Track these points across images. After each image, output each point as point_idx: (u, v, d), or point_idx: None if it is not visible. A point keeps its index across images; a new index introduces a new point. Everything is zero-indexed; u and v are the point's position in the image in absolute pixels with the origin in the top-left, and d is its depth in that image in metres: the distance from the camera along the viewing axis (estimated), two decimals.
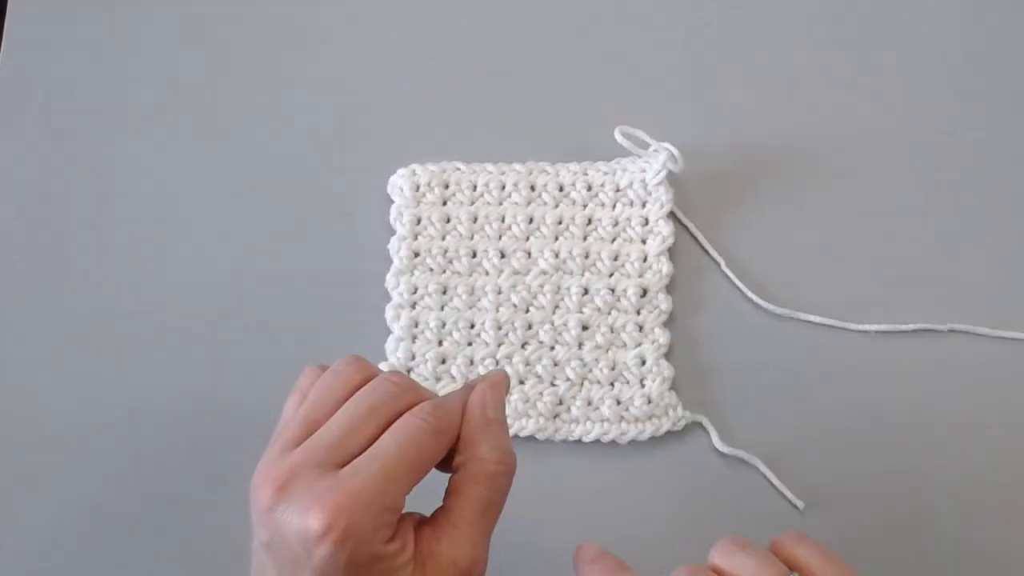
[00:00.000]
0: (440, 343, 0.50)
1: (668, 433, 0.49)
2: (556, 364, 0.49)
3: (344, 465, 0.33)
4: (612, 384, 0.49)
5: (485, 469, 0.36)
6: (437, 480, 0.36)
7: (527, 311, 0.50)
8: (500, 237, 0.51)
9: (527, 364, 0.49)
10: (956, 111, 0.54)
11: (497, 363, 0.49)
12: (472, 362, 0.49)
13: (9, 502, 0.49)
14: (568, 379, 0.49)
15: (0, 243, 0.53)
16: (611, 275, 0.50)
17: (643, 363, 0.49)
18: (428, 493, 0.36)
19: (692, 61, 0.55)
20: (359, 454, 0.34)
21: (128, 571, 0.48)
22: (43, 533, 0.48)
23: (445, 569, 0.35)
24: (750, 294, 0.50)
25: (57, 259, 0.52)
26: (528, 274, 0.50)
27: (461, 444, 0.37)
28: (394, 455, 0.34)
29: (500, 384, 0.38)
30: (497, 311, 0.50)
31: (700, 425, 0.49)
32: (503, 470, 0.37)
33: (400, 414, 0.35)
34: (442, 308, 0.50)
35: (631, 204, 0.51)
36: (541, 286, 0.50)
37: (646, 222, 0.51)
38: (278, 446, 0.35)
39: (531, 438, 0.49)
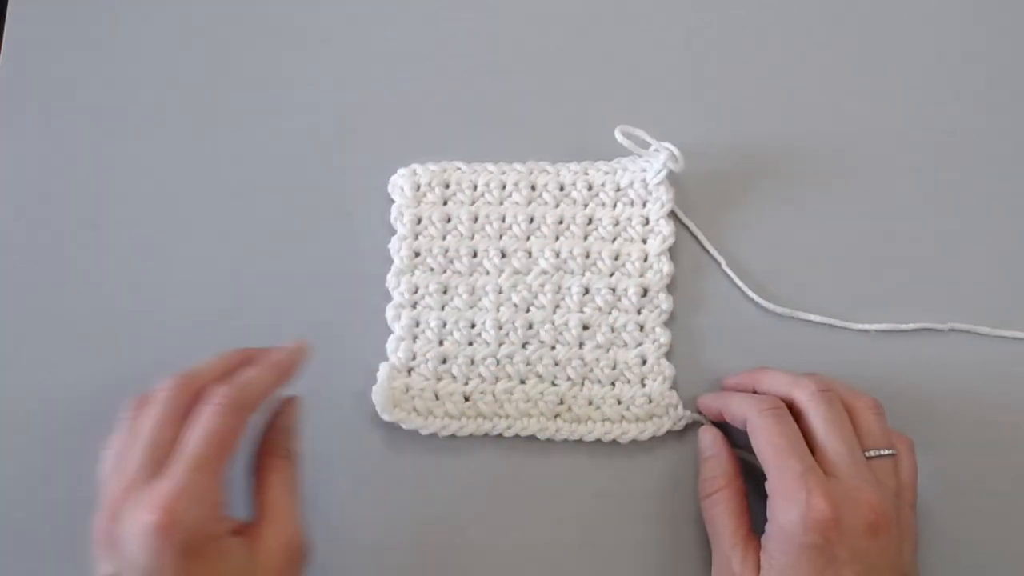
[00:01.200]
0: (441, 343, 0.49)
1: (669, 433, 0.49)
2: (557, 364, 0.49)
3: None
4: (613, 384, 0.49)
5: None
6: None
7: (528, 311, 0.50)
8: (501, 237, 0.51)
9: (528, 364, 0.49)
10: (956, 111, 0.54)
11: (498, 363, 0.49)
12: (473, 361, 0.49)
13: (9, 502, 0.49)
14: (569, 379, 0.49)
15: (0, 243, 0.53)
16: (612, 275, 0.50)
17: (644, 362, 0.49)
18: None
19: (692, 61, 0.55)
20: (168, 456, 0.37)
21: None
22: (43, 533, 0.48)
23: (271, 547, 0.39)
24: (751, 293, 0.50)
25: (57, 259, 0.52)
26: (529, 274, 0.50)
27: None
28: (199, 445, 0.37)
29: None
30: (498, 311, 0.50)
31: (700, 425, 0.49)
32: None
33: (189, 408, 0.39)
34: (443, 308, 0.50)
35: (632, 204, 0.51)
36: (542, 286, 0.50)
37: (647, 222, 0.51)
38: (111, 486, 0.39)
39: (532, 438, 0.49)
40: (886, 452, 0.43)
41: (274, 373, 0.42)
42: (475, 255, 0.51)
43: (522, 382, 0.49)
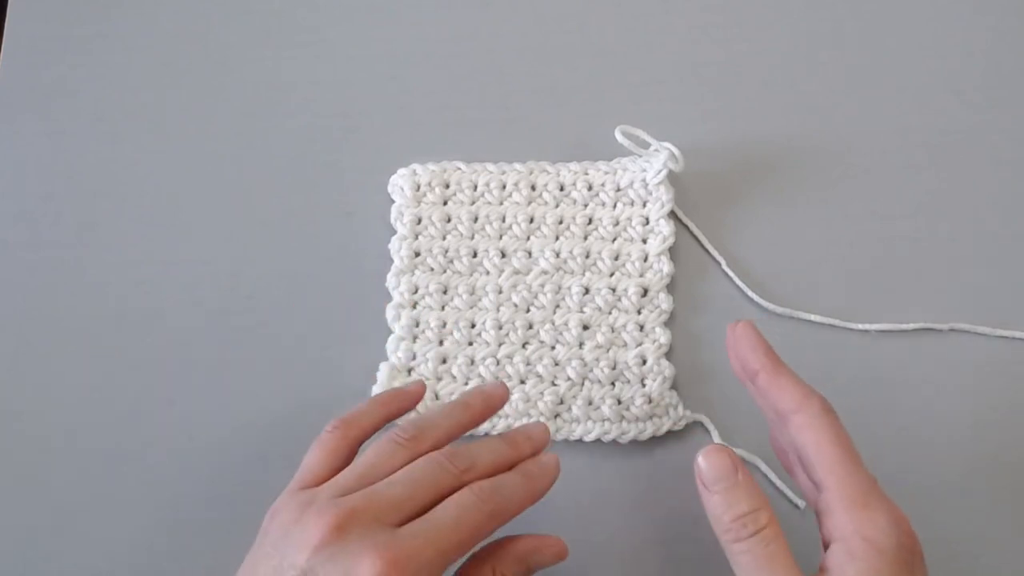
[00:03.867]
0: (441, 343, 0.49)
1: (669, 433, 0.48)
2: (557, 364, 0.49)
3: (400, 525, 0.35)
4: (613, 384, 0.49)
5: None
6: None
7: (528, 311, 0.50)
8: (501, 237, 0.51)
9: (528, 364, 0.49)
10: (956, 111, 0.54)
11: (498, 363, 0.49)
12: (473, 362, 0.49)
13: (9, 502, 0.49)
14: (569, 379, 0.49)
15: (0, 243, 0.53)
16: (612, 275, 0.50)
17: (644, 362, 0.49)
18: None
19: (692, 61, 0.55)
20: (414, 519, 0.35)
21: (129, 570, 0.47)
22: (44, 533, 0.48)
23: None
24: (751, 293, 0.50)
25: (57, 259, 0.52)
26: (529, 274, 0.50)
27: None
28: (450, 528, 0.35)
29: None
30: (498, 311, 0.50)
31: (701, 425, 0.49)
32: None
33: (457, 489, 0.37)
34: (443, 308, 0.50)
35: (632, 204, 0.51)
36: (542, 286, 0.50)
37: (647, 222, 0.51)
38: (326, 491, 0.37)
39: None
40: None
41: (533, 493, 0.39)
42: (475, 255, 0.51)
43: (522, 382, 0.49)
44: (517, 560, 0.39)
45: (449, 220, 0.51)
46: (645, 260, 0.50)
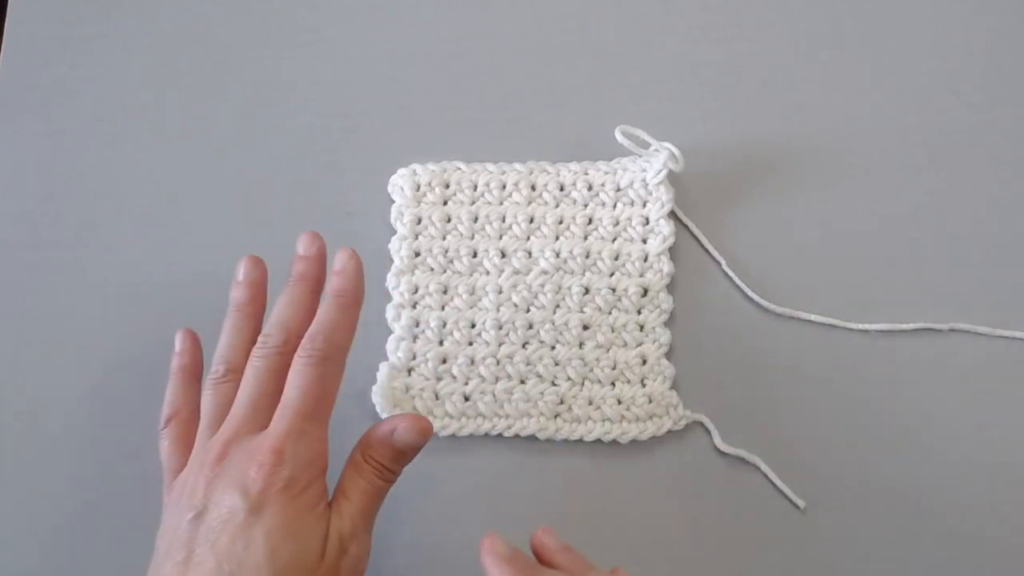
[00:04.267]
0: (441, 343, 0.49)
1: (669, 433, 0.48)
2: (557, 363, 0.49)
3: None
4: (613, 383, 0.49)
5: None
6: None
7: (528, 311, 0.50)
8: (501, 237, 0.51)
9: (528, 364, 0.49)
10: (956, 111, 0.54)
11: (498, 363, 0.49)
12: (473, 361, 0.49)
13: (8, 501, 0.49)
14: (569, 378, 0.49)
15: (0, 243, 0.53)
16: (612, 274, 0.50)
17: (644, 362, 0.49)
18: None
19: (693, 61, 0.55)
20: (273, 410, 0.39)
21: (128, 571, 0.47)
22: (43, 533, 0.48)
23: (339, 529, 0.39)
24: (751, 293, 0.50)
25: (57, 259, 0.52)
26: (529, 274, 0.50)
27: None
28: (299, 397, 0.39)
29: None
30: (498, 311, 0.50)
31: (701, 424, 0.49)
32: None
33: (286, 362, 0.40)
34: (443, 308, 0.50)
35: (632, 204, 0.51)
36: (542, 286, 0.50)
37: (647, 221, 0.51)
38: (200, 439, 0.41)
39: (532, 438, 0.49)
40: None
41: (349, 309, 0.42)
42: (475, 255, 0.51)
43: (522, 382, 0.49)
44: (381, 443, 0.41)
45: (449, 220, 0.51)
46: (645, 260, 0.50)
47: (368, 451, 0.41)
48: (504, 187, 0.51)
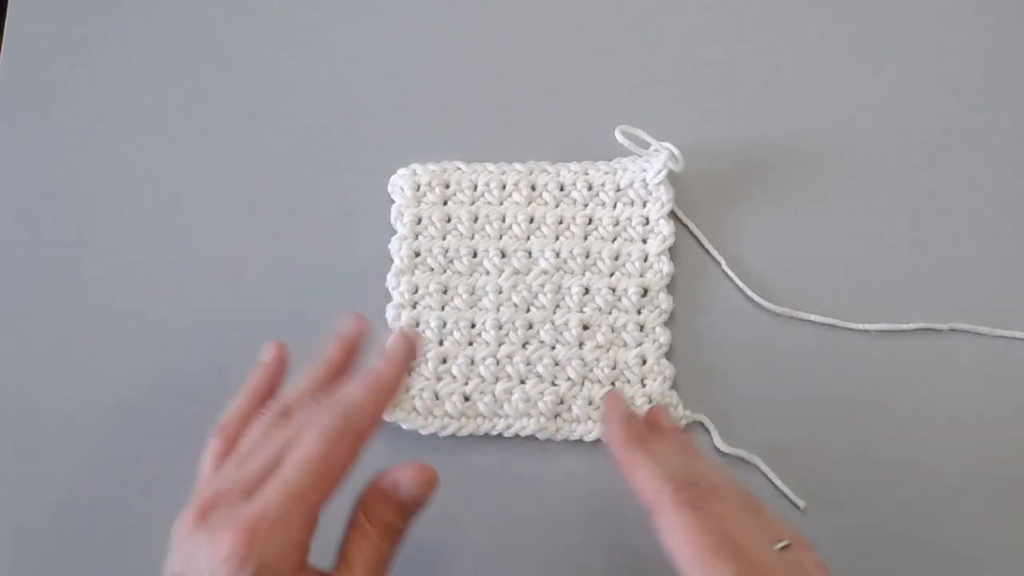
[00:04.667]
0: (441, 343, 0.49)
1: None
2: (557, 364, 0.49)
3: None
4: (613, 383, 0.49)
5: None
6: None
7: (528, 311, 0.50)
8: (501, 237, 0.51)
9: (528, 364, 0.49)
10: (956, 111, 0.54)
11: (498, 363, 0.49)
12: (473, 362, 0.49)
13: (9, 501, 0.49)
14: (569, 378, 0.49)
15: (1, 244, 0.53)
16: (612, 275, 0.50)
17: (644, 362, 0.49)
18: None
19: (692, 61, 0.55)
20: (267, 477, 0.34)
21: (127, 569, 0.47)
22: (43, 532, 0.48)
23: None
24: (751, 293, 0.50)
25: (57, 259, 0.52)
26: (529, 274, 0.50)
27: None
28: (296, 471, 0.34)
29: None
30: (498, 311, 0.50)
31: (701, 424, 0.49)
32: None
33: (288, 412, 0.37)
34: (443, 308, 0.50)
35: (632, 204, 0.51)
36: (542, 286, 0.50)
37: (647, 222, 0.51)
38: (196, 492, 0.36)
39: (532, 438, 0.49)
40: (782, 544, 0.37)
41: (379, 394, 0.37)
42: (475, 255, 0.51)
43: (522, 382, 0.49)
44: (383, 498, 0.37)
45: (449, 220, 0.51)
46: (645, 260, 0.50)
47: (370, 511, 0.36)
48: (504, 187, 0.51)
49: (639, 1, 0.56)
